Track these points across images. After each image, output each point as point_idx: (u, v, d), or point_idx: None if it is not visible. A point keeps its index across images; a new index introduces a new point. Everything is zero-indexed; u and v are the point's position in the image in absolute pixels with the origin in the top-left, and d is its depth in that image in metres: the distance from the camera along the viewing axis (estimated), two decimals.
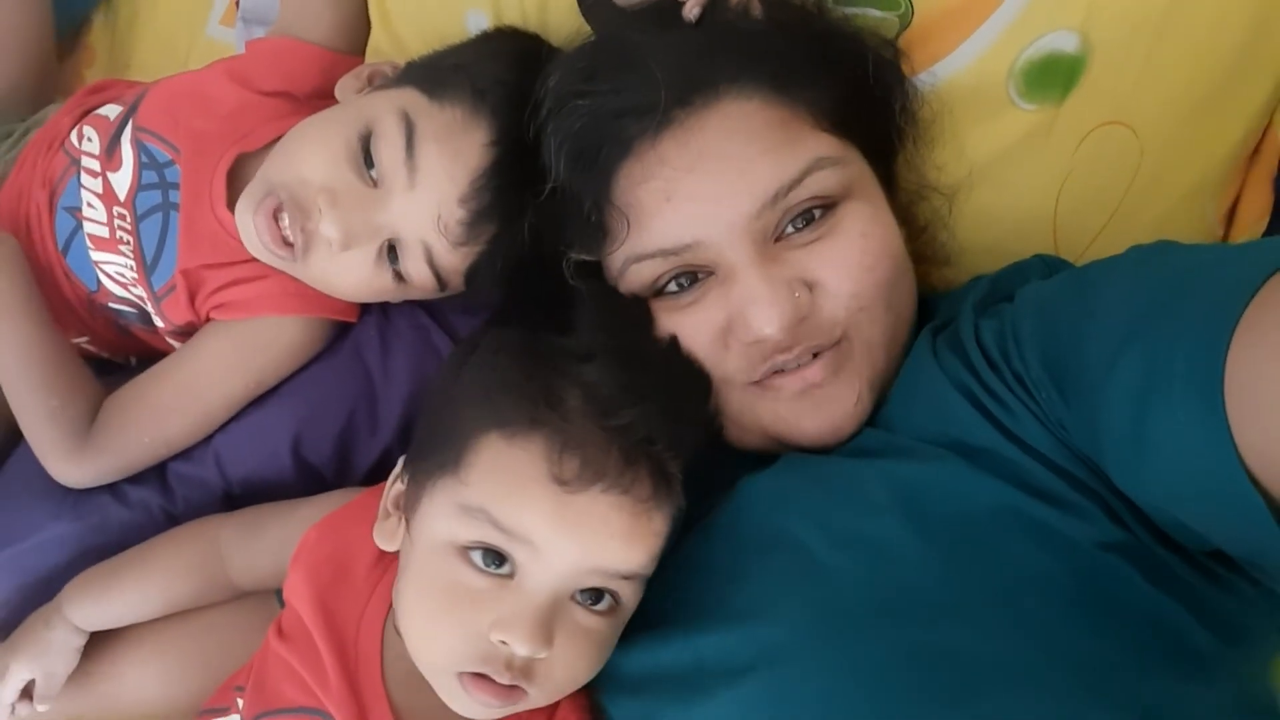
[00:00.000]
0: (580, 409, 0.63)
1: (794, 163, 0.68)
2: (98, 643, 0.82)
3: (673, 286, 0.71)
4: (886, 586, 0.60)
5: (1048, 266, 0.73)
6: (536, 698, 0.64)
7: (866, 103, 0.73)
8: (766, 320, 0.67)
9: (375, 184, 0.75)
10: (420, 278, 0.77)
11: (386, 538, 0.71)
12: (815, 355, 0.70)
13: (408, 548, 0.68)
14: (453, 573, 0.63)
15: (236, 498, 0.86)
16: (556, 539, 0.61)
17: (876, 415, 0.72)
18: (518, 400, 0.63)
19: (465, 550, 0.63)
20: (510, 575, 0.63)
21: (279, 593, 0.82)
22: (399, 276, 0.77)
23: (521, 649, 0.61)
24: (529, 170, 0.72)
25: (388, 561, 0.73)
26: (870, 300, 0.69)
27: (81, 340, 0.94)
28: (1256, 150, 0.80)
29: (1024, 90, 0.76)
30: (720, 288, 0.69)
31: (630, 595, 0.66)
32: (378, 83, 0.82)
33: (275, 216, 0.75)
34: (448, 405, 0.68)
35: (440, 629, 0.64)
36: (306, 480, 0.85)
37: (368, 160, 0.74)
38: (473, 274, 0.77)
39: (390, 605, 0.72)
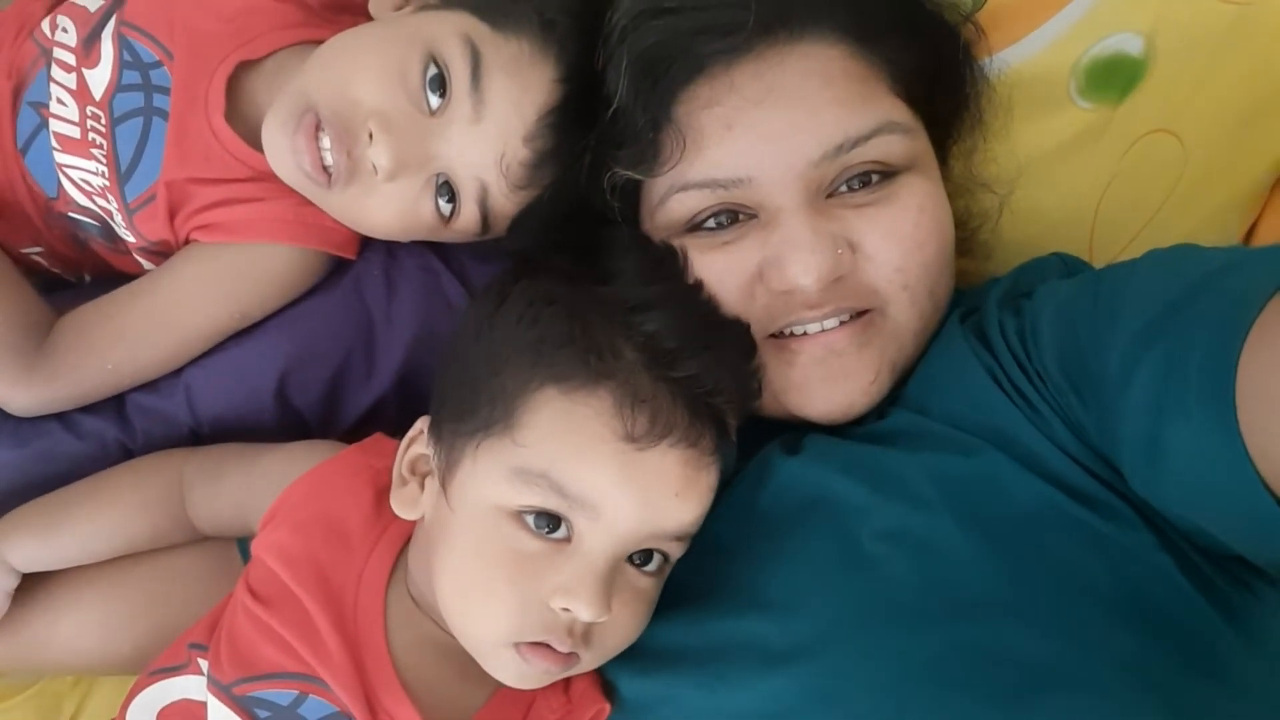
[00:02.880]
0: (641, 361, 0.60)
1: (865, 119, 0.66)
2: (31, 583, 0.74)
3: (711, 223, 0.69)
4: (937, 583, 0.59)
5: (1066, 265, 0.72)
6: (588, 662, 0.62)
7: (942, 79, 0.71)
8: (804, 269, 0.64)
9: (431, 112, 0.69)
10: (467, 218, 0.72)
11: (406, 505, 0.67)
12: (842, 322, 0.68)
13: (444, 516, 0.64)
14: (506, 538, 0.60)
15: (204, 438, 0.79)
16: (621, 500, 0.59)
17: (902, 394, 0.70)
18: (575, 353, 0.60)
19: (519, 514, 0.60)
20: (566, 539, 0.60)
21: (241, 543, 0.76)
22: (441, 215, 0.71)
23: (586, 615, 0.58)
24: (593, 111, 0.68)
25: (385, 522, 0.68)
26: (914, 279, 0.68)
27: (34, 251, 0.85)
28: None
29: (1084, 88, 0.76)
30: (761, 231, 0.67)
31: (678, 554, 0.64)
32: (418, 2, 0.75)
33: (315, 137, 0.69)
34: (485, 360, 0.63)
35: (496, 599, 0.60)
36: (287, 425, 0.79)
37: (427, 85, 0.68)
38: (520, 220, 0.72)
39: (392, 569, 0.67)
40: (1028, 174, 0.78)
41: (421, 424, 0.68)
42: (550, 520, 0.60)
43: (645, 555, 0.62)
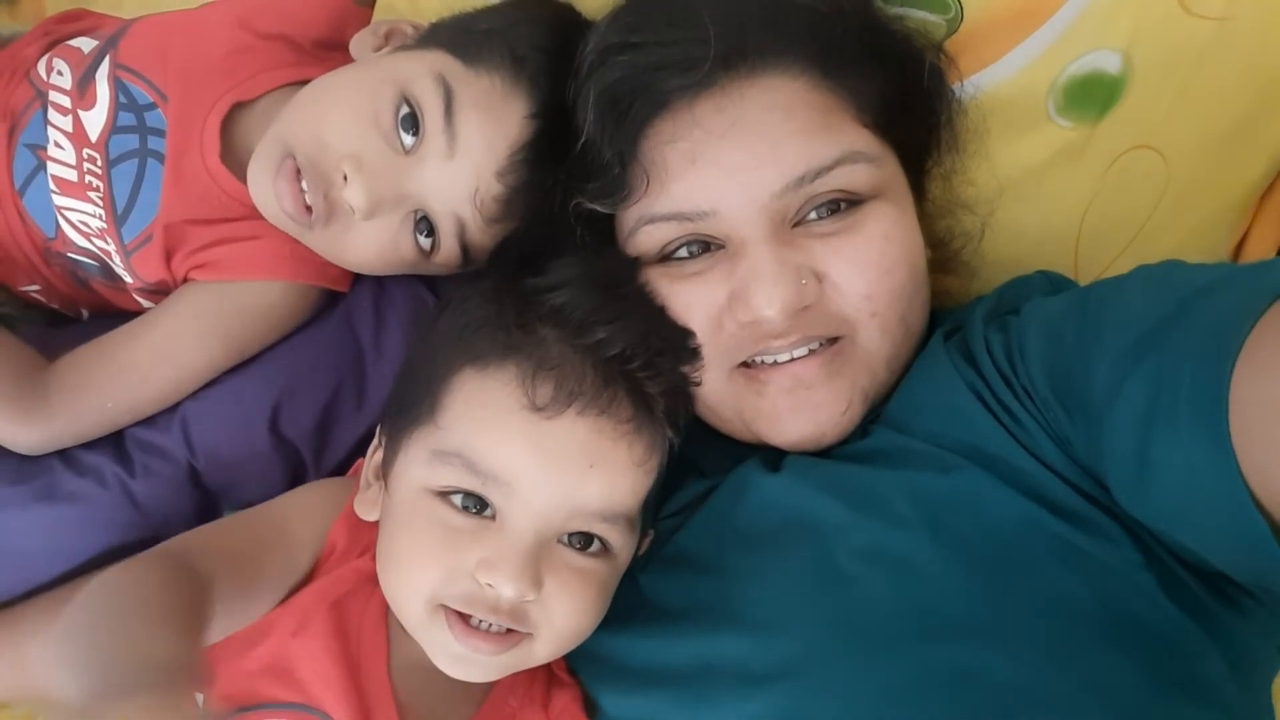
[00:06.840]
0: (553, 334, 0.61)
1: (828, 150, 0.66)
2: (7, 620, 0.75)
3: (682, 252, 0.70)
4: (914, 604, 0.59)
5: (1051, 283, 0.72)
6: (542, 646, 0.62)
7: (911, 106, 0.72)
8: (768, 300, 0.64)
9: (405, 150, 0.70)
10: (447, 252, 0.73)
11: (367, 507, 0.68)
12: (811, 351, 0.68)
13: (386, 505, 0.65)
14: (434, 515, 0.61)
15: (201, 471, 0.80)
16: (532, 472, 0.59)
17: (884, 412, 0.70)
18: (488, 333, 0.62)
19: (444, 494, 0.61)
20: (492, 518, 0.60)
21: None
22: (421, 250, 0.73)
23: (508, 589, 0.58)
24: (565, 146, 0.69)
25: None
26: (883, 306, 0.68)
27: (32, 289, 0.87)
28: (1269, 189, 0.82)
29: (1063, 106, 0.76)
30: (729, 262, 0.67)
31: (620, 541, 0.63)
32: (397, 42, 0.77)
33: (297, 180, 0.70)
34: (422, 358, 0.66)
35: (421, 564, 0.60)
36: (281, 456, 0.80)
37: (399, 124, 0.70)
38: (499, 251, 0.73)
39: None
40: (1009, 193, 0.78)
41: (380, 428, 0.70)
42: (476, 500, 0.60)
43: (585, 539, 0.62)
